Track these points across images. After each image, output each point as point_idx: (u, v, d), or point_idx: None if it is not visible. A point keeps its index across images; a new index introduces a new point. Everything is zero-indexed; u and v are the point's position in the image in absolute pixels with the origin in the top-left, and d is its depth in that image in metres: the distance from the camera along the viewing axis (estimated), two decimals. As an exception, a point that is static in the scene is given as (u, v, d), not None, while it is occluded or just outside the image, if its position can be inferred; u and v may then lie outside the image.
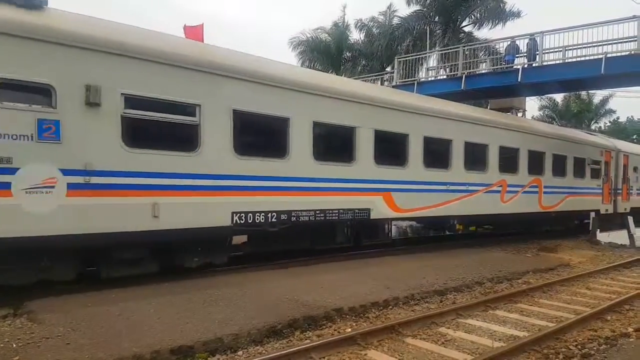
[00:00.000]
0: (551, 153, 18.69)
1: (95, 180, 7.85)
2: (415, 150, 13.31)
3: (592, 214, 19.76)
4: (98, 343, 5.74)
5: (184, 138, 9.04)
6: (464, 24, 33.09)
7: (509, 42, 20.22)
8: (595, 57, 17.18)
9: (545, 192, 18.24)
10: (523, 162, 17.25)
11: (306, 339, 6.69)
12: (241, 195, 9.68)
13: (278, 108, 10.35)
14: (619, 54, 17.05)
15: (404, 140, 13.12)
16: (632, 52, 16.77)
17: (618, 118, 59.95)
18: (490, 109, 22.04)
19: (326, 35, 34.92)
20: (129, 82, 8.24)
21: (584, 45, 17.90)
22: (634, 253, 16.16)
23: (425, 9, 32.59)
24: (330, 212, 11.29)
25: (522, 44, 19.54)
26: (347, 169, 11.69)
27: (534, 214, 17.90)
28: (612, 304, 8.82)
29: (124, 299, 7.49)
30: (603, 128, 55.33)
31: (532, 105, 50.11)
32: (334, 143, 11.74)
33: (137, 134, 8.38)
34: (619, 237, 19.31)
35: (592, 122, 52.72)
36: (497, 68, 21.20)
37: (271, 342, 6.55)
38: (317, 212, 11.02)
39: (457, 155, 14.61)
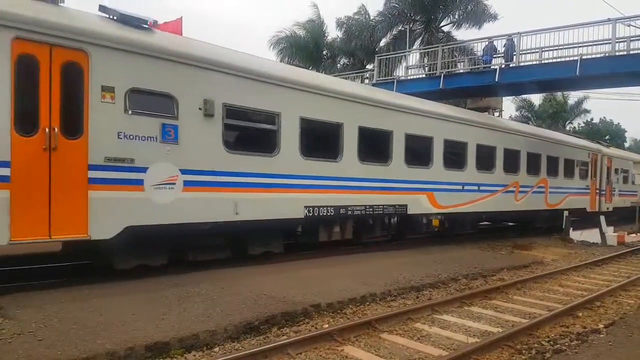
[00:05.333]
0: None
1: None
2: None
3: (566, 213, 20.12)
4: (71, 339, 5.64)
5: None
6: (443, 23, 33.31)
7: (486, 43, 20.44)
8: (571, 58, 17.46)
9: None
10: None
11: (283, 335, 6.68)
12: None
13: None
14: (594, 56, 17.36)
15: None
16: (607, 54, 17.10)
17: (592, 119, 61.13)
18: (468, 108, 22.26)
19: (304, 31, 34.77)
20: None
21: (560, 47, 18.17)
22: (605, 251, 16.52)
23: (399, 4, 32.57)
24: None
25: (500, 45, 19.78)
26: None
27: None
28: (584, 301, 9.00)
29: (97, 295, 7.37)
30: (577, 128, 56.31)
31: (508, 104, 50.79)
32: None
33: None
34: (591, 235, 19.70)
35: (567, 122, 53.64)
36: (474, 68, 21.42)
37: (248, 339, 6.52)
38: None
39: None
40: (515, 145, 17.92)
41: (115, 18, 8.39)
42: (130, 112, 8.14)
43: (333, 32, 35.97)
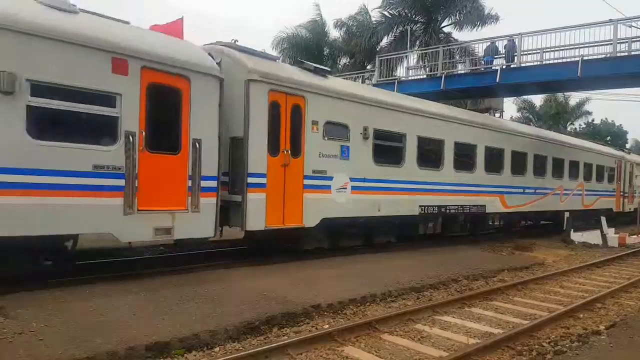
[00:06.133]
0: None
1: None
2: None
3: (567, 214, 20.11)
4: (72, 339, 5.64)
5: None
6: (444, 24, 33.25)
7: (488, 44, 20.43)
8: (572, 59, 17.45)
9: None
10: None
11: (283, 336, 6.69)
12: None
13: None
14: (595, 57, 17.34)
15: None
16: (608, 55, 17.09)
17: (593, 120, 61.04)
18: (469, 109, 22.27)
19: (306, 31, 34.74)
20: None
21: (561, 48, 18.17)
22: (606, 253, 16.51)
23: (397, 2, 32.53)
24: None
25: (501, 45, 19.76)
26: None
27: None
28: (585, 302, 9.00)
29: (98, 294, 7.37)
30: (578, 129, 56.27)
31: (509, 105, 50.93)
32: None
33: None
34: (592, 237, 19.68)
35: (568, 123, 53.59)
36: (475, 69, 21.41)
37: (248, 339, 6.53)
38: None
39: None
40: (560, 155, 21.12)
41: (306, 68, 11.85)
42: (326, 138, 11.47)
43: (334, 32, 35.95)
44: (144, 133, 8.22)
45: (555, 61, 18.37)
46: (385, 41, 32.66)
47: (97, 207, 7.79)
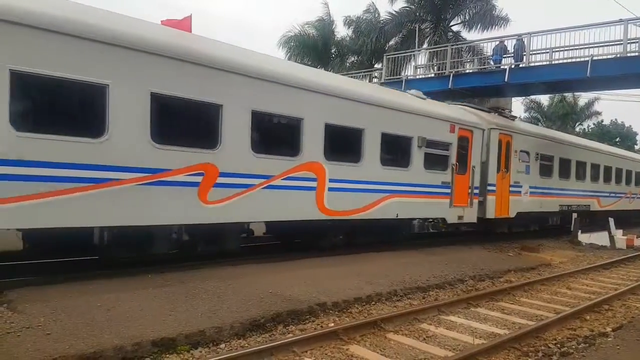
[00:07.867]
0: None
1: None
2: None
3: (575, 215, 20.03)
4: (79, 334, 5.68)
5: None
6: (452, 23, 33.10)
7: (496, 43, 20.33)
8: (582, 59, 17.33)
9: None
10: None
11: (289, 333, 6.70)
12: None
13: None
14: (605, 57, 17.22)
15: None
16: (618, 55, 16.96)
17: (602, 121, 60.53)
18: (477, 108, 22.15)
19: (314, 30, 34.69)
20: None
21: (570, 48, 18.05)
22: (613, 254, 16.40)
23: (413, 7, 32.48)
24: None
25: (510, 45, 19.66)
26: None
27: None
28: (592, 304, 8.95)
29: (105, 290, 7.40)
30: (587, 130, 55.86)
31: (517, 105, 50.48)
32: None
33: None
34: (599, 238, 19.56)
35: (577, 124, 53.21)
36: (483, 68, 21.32)
37: (254, 336, 6.54)
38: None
39: None
40: (630, 167, 28.05)
41: (504, 116, 18.31)
42: (519, 160, 17.62)
43: (342, 31, 35.86)
44: (457, 164, 14.68)
45: (565, 61, 18.27)
46: (393, 40, 32.59)
47: (442, 203, 14.43)
